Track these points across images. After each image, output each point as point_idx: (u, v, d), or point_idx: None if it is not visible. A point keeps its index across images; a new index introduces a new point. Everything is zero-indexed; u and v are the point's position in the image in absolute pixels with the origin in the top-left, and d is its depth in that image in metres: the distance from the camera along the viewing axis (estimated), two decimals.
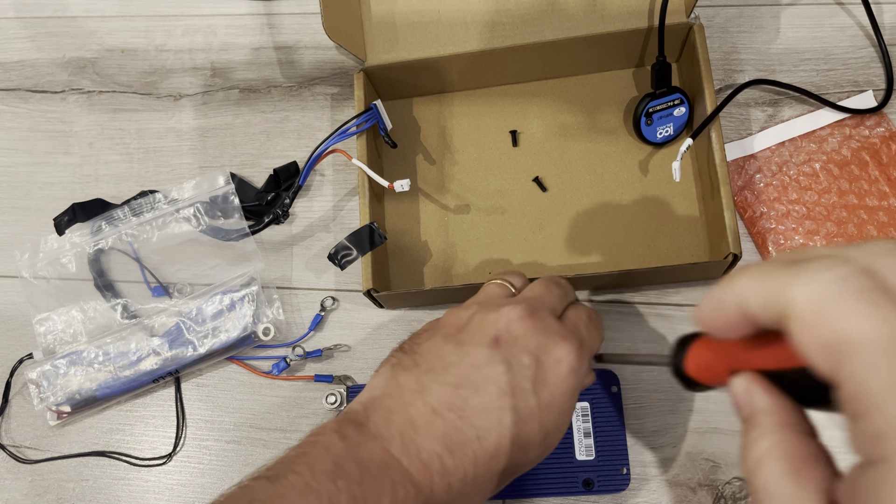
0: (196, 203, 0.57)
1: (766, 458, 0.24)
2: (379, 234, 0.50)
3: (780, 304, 0.23)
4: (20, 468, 0.56)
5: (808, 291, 0.22)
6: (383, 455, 0.35)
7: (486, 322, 0.38)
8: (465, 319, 0.39)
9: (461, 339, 0.38)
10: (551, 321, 0.38)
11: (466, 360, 0.37)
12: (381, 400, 0.37)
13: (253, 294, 0.55)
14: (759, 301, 0.24)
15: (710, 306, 0.26)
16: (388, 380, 0.38)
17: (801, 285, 0.22)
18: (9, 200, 0.63)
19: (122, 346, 0.55)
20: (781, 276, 0.23)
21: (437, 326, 0.40)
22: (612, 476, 0.48)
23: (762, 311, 0.24)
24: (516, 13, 0.54)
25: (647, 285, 0.53)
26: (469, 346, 0.37)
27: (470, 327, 0.38)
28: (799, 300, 0.22)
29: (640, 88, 0.57)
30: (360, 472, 0.33)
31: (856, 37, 0.57)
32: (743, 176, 0.54)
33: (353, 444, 0.35)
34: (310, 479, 0.32)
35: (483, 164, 0.57)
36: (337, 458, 0.34)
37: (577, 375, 0.37)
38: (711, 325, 0.26)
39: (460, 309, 0.40)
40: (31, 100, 0.65)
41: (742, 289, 0.24)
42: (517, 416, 0.35)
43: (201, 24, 0.65)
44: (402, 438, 0.35)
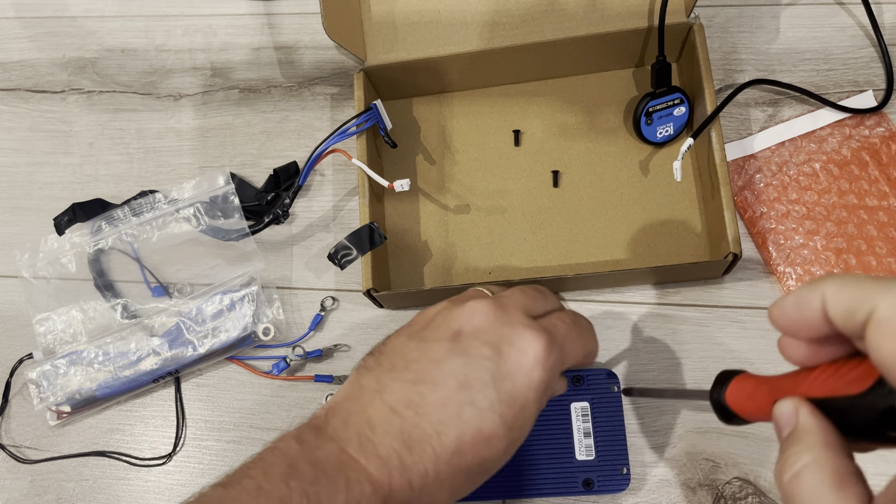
0: (196, 203, 0.57)
1: (807, 469, 0.25)
2: (379, 234, 0.50)
3: (864, 310, 0.24)
4: (20, 468, 0.56)
5: (894, 302, 0.23)
6: (339, 455, 0.34)
7: (450, 317, 0.38)
8: (431, 316, 0.39)
9: (424, 336, 0.38)
10: (518, 315, 0.38)
11: (427, 356, 0.36)
12: (342, 403, 0.37)
13: (253, 294, 0.55)
14: (844, 305, 0.25)
15: (792, 304, 0.27)
16: (352, 383, 0.38)
17: (888, 296, 0.24)
18: (9, 200, 0.63)
19: (122, 346, 0.55)
20: (869, 286, 0.24)
21: (405, 326, 0.40)
22: (612, 476, 0.48)
23: (844, 316, 0.25)
24: (516, 13, 0.54)
25: (647, 285, 0.53)
26: (431, 341, 0.37)
27: (434, 323, 0.38)
28: (883, 308, 0.23)
29: (640, 88, 0.57)
30: (315, 472, 0.33)
31: (856, 37, 0.57)
32: (743, 176, 0.54)
33: (310, 447, 0.35)
34: (262, 482, 0.33)
35: (483, 164, 0.57)
36: (292, 461, 0.34)
37: (543, 368, 0.36)
38: (790, 322, 0.27)
39: (430, 308, 0.40)
40: (31, 100, 0.65)
41: (828, 291, 0.26)
42: (476, 409, 0.35)
43: (201, 24, 0.65)
44: (359, 438, 0.35)
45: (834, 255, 0.51)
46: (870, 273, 0.51)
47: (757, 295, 0.52)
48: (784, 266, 0.52)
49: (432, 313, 0.39)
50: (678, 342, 0.52)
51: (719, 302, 0.52)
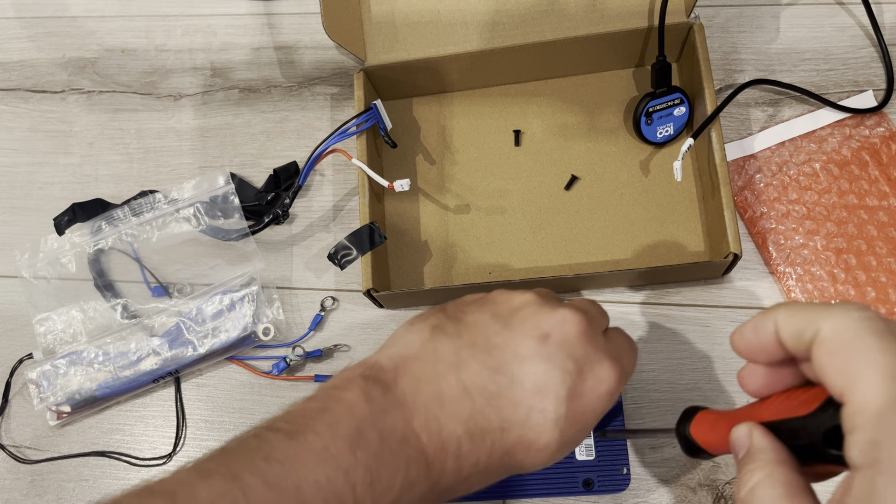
0: (196, 203, 0.57)
1: (761, 484, 0.28)
2: (379, 234, 0.50)
3: (810, 332, 0.27)
4: (20, 468, 0.56)
5: (835, 324, 0.27)
6: (404, 428, 0.33)
7: (540, 315, 0.37)
8: (519, 305, 0.38)
9: (511, 324, 0.36)
10: (602, 339, 0.38)
11: (511, 347, 0.35)
12: (413, 363, 0.35)
13: (253, 294, 0.55)
14: (793, 329, 0.28)
15: (749, 331, 0.30)
16: (426, 342, 0.36)
17: (830, 318, 0.27)
18: (9, 200, 0.63)
19: (122, 346, 0.55)
20: (814, 310, 0.27)
21: (487, 301, 0.38)
22: (612, 476, 0.48)
23: (793, 338, 0.28)
24: (516, 13, 0.54)
25: (647, 285, 0.53)
26: (517, 333, 0.36)
27: (522, 314, 0.37)
28: (825, 330, 0.27)
29: (640, 88, 0.57)
30: (380, 444, 0.32)
31: (856, 37, 0.57)
32: (743, 176, 0.54)
33: (378, 409, 0.33)
34: (329, 443, 0.31)
35: (483, 164, 0.57)
36: (360, 424, 0.32)
37: (609, 400, 0.36)
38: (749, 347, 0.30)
39: (515, 293, 0.39)
40: (31, 100, 0.65)
41: (779, 318, 0.29)
42: (543, 418, 0.35)
43: (201, 24, 0.65)
44: (426, 413, 0.34)
45: (834, 255, 0.51)
46: (870, 273, 0.51)
47: (757, 295, 0.52)
48: (784, 266, 0.52)
49: (519, 302, 0.38)
50: (678, 342, 0.52)
51: (719, 302, 0.52)
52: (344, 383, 0.34)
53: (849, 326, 0.26)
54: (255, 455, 0.30)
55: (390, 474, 0.32)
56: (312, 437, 0.31)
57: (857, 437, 0.25)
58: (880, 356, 0.25)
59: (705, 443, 0.35)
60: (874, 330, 0.26)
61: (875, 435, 0.24)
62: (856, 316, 0.26)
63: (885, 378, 0.24)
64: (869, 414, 0.24)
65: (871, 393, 0.24)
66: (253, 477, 0.29)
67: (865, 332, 0.26)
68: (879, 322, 0.26)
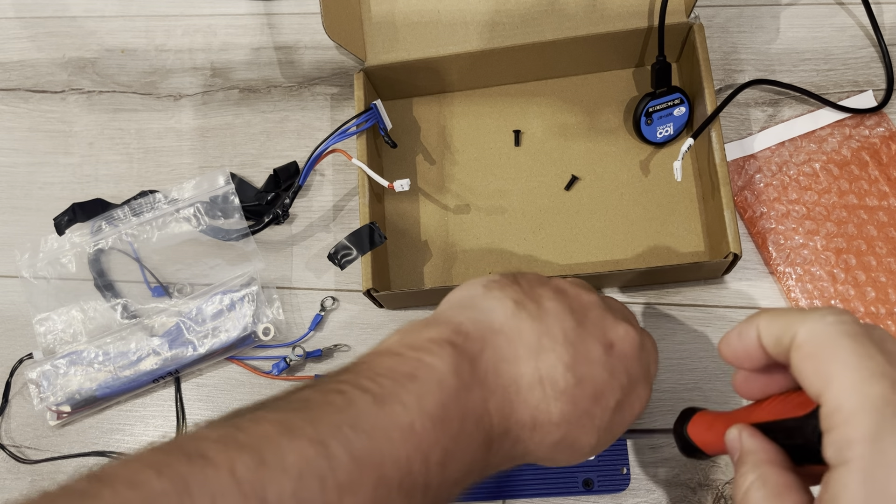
0: (196, 203, 0.57)
1: (753, 486, 0.29)
2: (379, 234, 0.50)
3: (788, 337, 0.28)
4: (20, 468, 0.56)
5: (810, 329, 0.28)
6: (482, 408, 0.32)
7: (606, 321, 0.37)
8: (588, 304, 0.38)
9: (584, 323, 0.36)
10: (646, 360, 0.39)
11: (583, 348, 0.35)
12: (497, 337, 0.34)
13: (253, 294, 0.55)
14: (773, 335, 0.29)
15: (734, 338, 0.31)
16: (510, 317, 0.35)
17: (806, 323, 0.28)
18: (9, 200, 0.63)
19: (122, 346, 0.55)
20: (792, 316, 0.28)
21: (559, 290, 0.38)
22: (612, 476, 0.48)
23: (774, 344, 0.29)
24: (516, 13, 0.54)
25: (647, 285, 0.53)
26: (588, 335, 0.36)
27: (593, 316, 0.37)
28: (801, 334, 0.28)
29: (640, 88, 0.57)
30: (460, 424, 0.31)
31: (856, 37, 0.57)
32: (743, 176, 0.54)
33: (464, 385, 0.32)
34: (416, 419, 0.30)
35: (483, 164, 0.57)
36: (446, 400, 0.31)
37: (638, 417, 0.38)
38: (735, 354, 0.31)
39: (581, 289, 0.39)
40: (31, 100, 0.65)
41: (760, 325, 0.30)
42: (590, 422, 0.35)
43: (201, 24, 0.65)
44: (503, 395, 0.33)
45: (834, 255, 0.51)
46: (870, 273, 0.51)
47: (757, 295, 0.52)
48: (784, 266, 0.52)
49: (588, 301, 0.38)
50: (678, 342, 0.52)
51: (719, 302, 0.52)
52: (432, 346, 0.32)
53: (823, 331, 0.27)
54: (342, 418, 0.29)
55: (461, 456, 0.31)
56: (399, 408, 0.30)
57: (832, 436, 0.26)
58: (852, 358, 0.26)
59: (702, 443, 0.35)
60: (847, 333, 0.27)
61: (847, 434, 0.25)
62: (830, 320, 0.27)
63: (857, 379, 0.25)
64: (842, 414, 0.25)
65: (844, 394, 0.25)
66: (340, 446, 0.28)
67: (839, 336, 0.27)
68: (854, 325, 0.27)
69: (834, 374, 0.26)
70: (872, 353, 0.26)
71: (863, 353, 0.26)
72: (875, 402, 0.25)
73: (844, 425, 0.25)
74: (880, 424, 0.24)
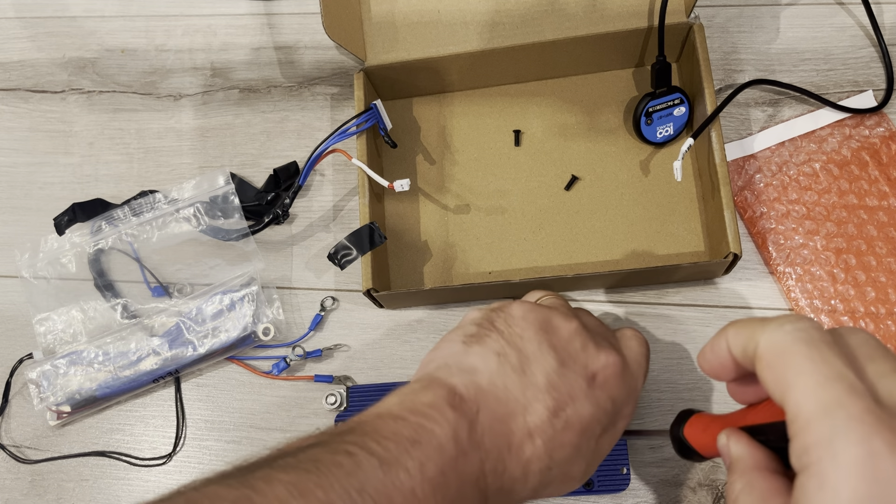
0: (196, 203, 0.57)
1: (742, 493, 0.29)
2: (379, 234, 0.50)
3: (752, 348, 0.29)
4: (20, 468, 0.56)
5: (770, 338, 0.28)
6: (478, 470, 0.34)
7: (588, 352, 0.38)
8: (568, 335, 0.38)
9: (565, 360, 0.37)
10: (633, 381, 0.40)
11: (565, 387, 0.36)
12: (487, 397, 0.35)
13: (253, 294, 0.55)
14: (739, 346, 0.29)
15: (708, 352, 0.32)
16: (495, 374, 0.36)
17: (766, 333, 0.28)
18: (9, 200, 0.63)
19: (122, 346, 0.55)
20: (755, 326, 0.29)
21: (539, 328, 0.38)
22: (612, 476, 0.48)
23: (741, 355, 0.29)
24: (516, 13, 0.54)
25: (647, 285, 0.53)
26: (571, 372, 0.37)
27: (573, 349, 0.38)
28: (761, 345, 0.28)
29: (640, 88, 0.57)
30: (458, 488, 0.33)
31: (856, 37, 0.57)
32: (743, 176, 0.54)
33: (462, 451, 0.33)
34: (417, 486, 0.31)
35: (483, 164, 0.57)
36: (445, 466, 0.32)
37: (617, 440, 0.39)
38: (711, 366, 0.32)
39: (559, 315, 0.39)
40: (31, 100, 0.65)
41: (729, 338, 0.30)
42: (579, 457, 0.36)
43: (201, 24, 0.65)
44: (497, 454, 0.34)
45: (834, 255, 0.51)
46: (870, 273, 0.51)
47: (757, 295, 0.52)
48: (784, 266, 0.52)
49: (569, 332, 0.38)
50: (678, 342, 0.52)
51: (719, 302, 0.52)
52: (432, 412, 0.34)
53: (781, 339, 0.27)
54: (351, 482, 0.30)
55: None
56: (403, 474, 0.31)
57: (794, 444, 0.26)
58: (807, 364, 0.26)
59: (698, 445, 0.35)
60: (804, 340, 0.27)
61: (804, 441, 0.25)
62: (788, 328, 0.27)
63: (813, 386, 0.26)
64: (801, 421, 0.25)
65: (802, 401, 0.26)
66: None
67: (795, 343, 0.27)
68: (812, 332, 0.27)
69: (791, 381, 0.26)
70: (828, 358, 0.26)
71: (818, 358, 0.26)
72: (828, 406, 0.25)
73: (802, 432, 0.25)
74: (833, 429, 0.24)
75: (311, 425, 0.53)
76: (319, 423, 0.53)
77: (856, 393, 0.25)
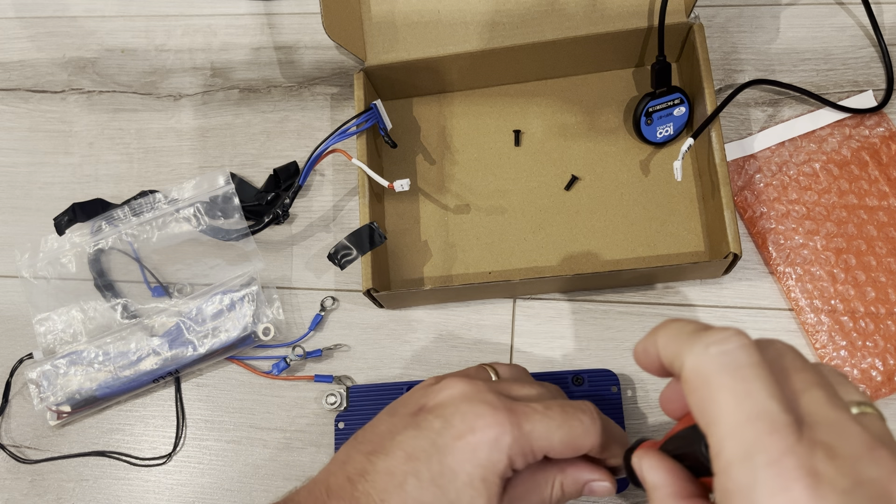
0: (196, 203, 0.57)
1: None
2: (379, 234, 0.50)
3: (678, 366, 0.28)
4: (20, 468, 0.56)
5: (694, 362, 0.26)
6: None
7: (425, 393, 0.38)
8: (413, 391, 0.40)
9: (396, 410, 0.39)
10: (485, 394, 0.37)
11: (388, 428, 0.37)
12: (317, 476, 0.39)
13: (253, 294, 0.55)
14: (669, 356, 0.29)
15: (641, 351, 0.31)
16: (331, 460, 0.39)
17: (691, 356, 0.27)
18: (9, 200, 0.63)
19: (122, 346, 0.55)
20: (682, 342, 0.27)
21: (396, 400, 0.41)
22: None
23: (670, 366, 0.29)
24: (516, 13, 0.54)
25: (647, 285, 0.53)
26: (398, 415, 0.38)
27: (409, 398, 0.39)
28: (686, 367, 0.27)
29: (640, 88, 0.57)
30: None
31: (856, 37, 0.57)
32: (743, 176, 0.54)
33: None
34: None
35: (483, 164, 0.57)
36: None
37: (490, 447, 0.35)
38: (644, 363, 0.31)
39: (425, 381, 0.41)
40: (31, 100, 0.65)
41: (658, 343, 0.29)
42: (418, 480, 0.35)
43: (201, 24, 0.65)
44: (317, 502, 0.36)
45: (834, 255, 0.51)
46: (870, 273, 0.51)
47: (757, 295, 0.52)
48: (784, 266, 0.52)
49: (416, 388, 0.40)
50: None
51: (719, 302, 0.52)
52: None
53: (705, 365, 0.26)
54: None
55: None
56: None
57: (716, 481, 0.25)
58: (730, 400, 0.25)
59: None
60: (728, 367, 0.25)
61: (725, 484, 0.24)
62: (713, 352, 0.26)
63: (734, 426, 0.25)
64: (722, 462, 0.25)
65: (723, 441, 0.25)
66: None
67: (719, 372, 0.26)
68: (738, 354, 0.26)
69: (713, 417, 0.25)
70: (752, 390, 0.25)
71: (741, 391, 0.25)
72: (748, 450, 0.24)
73: (724, 475, 0.25)
74: (752, 476, 0.24)
75: (312, 425, 0.53)
76: (319, 423, 0.53)
77: (777, 431, 0.24)
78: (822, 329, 0.50)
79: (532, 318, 0.54)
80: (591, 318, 0.53)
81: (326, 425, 0.53)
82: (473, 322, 0.54)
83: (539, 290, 0.53)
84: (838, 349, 0.49)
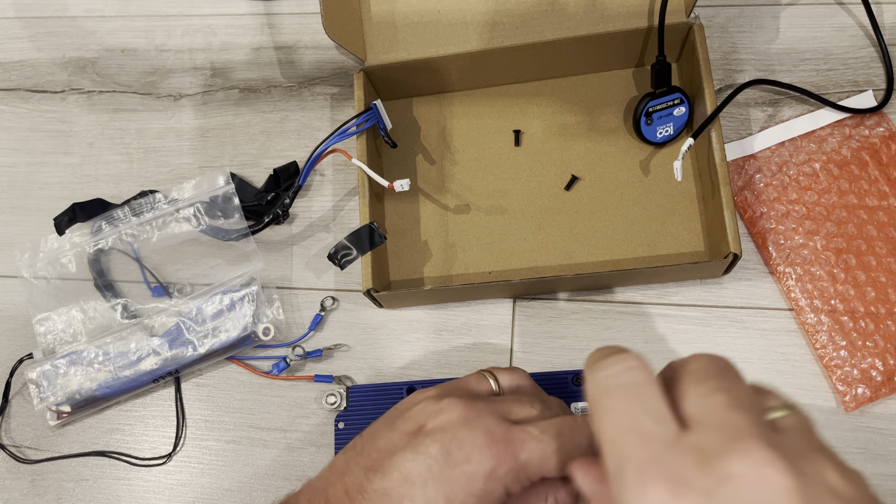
0: (196, 203, 0.57)
1: None
2: (379, 234, 0.51)
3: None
4: (20, 468, 0.56)
5: (588, 387, 0.29)
6: None
7: (424, 411, 0.38)
8: (412, 404, 0.39)
9: (395, 425, 0.38)
10: (486, 419, 0.37)
11: (386, 445, 0.37)
12: (314, 482, 0.39)
13: (253, 294, 0.55)
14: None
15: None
16: (329, 465, 0.39)
17: (587, 382, 0.30)
18: (9, 200, 0.63)
19: (122, 346, 0.55)
20: (585, 370, 0.30)
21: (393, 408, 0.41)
22: None
23: None
24: (516, 13, 0.54)
25: (647, 285, 0.53)
26: (396, 431, 0.38)
27: (408, 414, 0.39)
28: (585, 393, 0.30)
29: (640, 88, 0.57)
30: None
31: (856, 37, 0.57)
32: (743, 176, 0.54)
33: None
34: None
35: (483, 164, 0.57)
36: None
37: (486, 479, 0.35)
38: None
39: (422, 391, 0.41)
40: (31, 100, 0.65)
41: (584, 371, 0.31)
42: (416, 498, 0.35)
43: (201, 24, 0.65)
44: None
45: (834, 255, 0.51)
46: (870, 273, 0.51)
47: (757, 295, 0.52)
48: (784, 266, 0.52)
49: (414, 401, 0.40)
50: (678, 342, 0.52)
51: (719, 302, 0.52)
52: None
53: (593, 389, 0.29)
54: None
55: None
56: None
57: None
58: (610, 418, 0.28)
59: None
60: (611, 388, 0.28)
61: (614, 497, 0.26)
62: (601, 376, 0.29)
63: (611, 441, 0.27)
64: (610, 475, 0.27)
65: (606, 456, 0.27)
66: None
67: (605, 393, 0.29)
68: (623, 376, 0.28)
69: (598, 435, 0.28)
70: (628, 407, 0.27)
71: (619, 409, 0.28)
72: (620, 462, 0.26)
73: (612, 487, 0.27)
74: (622, 486, 0.26)
75: (312, 425, 0.53)
76: (319, 423, 0.53)
77: (646, 442, 0.26)
78: (822, 329, 0.50)
79: (532, 318, 0.54)
80: (591, 318, 0.53)
81: (326, 425, 0.53)
82: (473, 322, 0.54)
83: (539, 290, 0.53)
84: (838, 349, 0.49)
